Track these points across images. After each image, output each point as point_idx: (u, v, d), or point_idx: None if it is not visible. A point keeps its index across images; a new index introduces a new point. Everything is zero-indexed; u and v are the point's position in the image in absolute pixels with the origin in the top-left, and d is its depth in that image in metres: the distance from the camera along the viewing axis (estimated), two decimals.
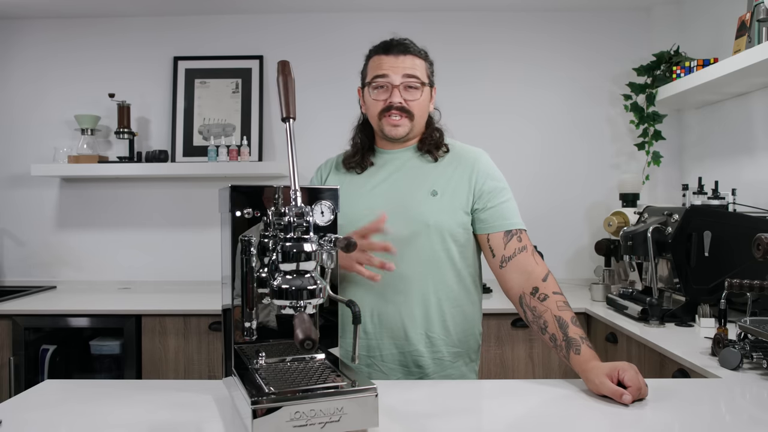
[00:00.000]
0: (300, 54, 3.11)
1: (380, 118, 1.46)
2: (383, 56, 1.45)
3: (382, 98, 1.45)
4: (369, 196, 1.47)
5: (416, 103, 1.45)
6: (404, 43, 1.47)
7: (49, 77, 3.17)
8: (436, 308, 1.44)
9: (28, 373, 2.47)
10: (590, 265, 3.00)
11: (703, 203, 2.22)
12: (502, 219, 1.44)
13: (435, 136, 1.51)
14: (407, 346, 1.43)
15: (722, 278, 1.82)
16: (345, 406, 0.96)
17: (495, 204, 1.44)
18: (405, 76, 1.43)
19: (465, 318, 1.48)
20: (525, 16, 3.11)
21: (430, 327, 1.44)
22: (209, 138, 3.06)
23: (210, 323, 2.46)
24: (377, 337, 1.44)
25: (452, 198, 1.44)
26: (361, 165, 1.52)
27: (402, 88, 1.44)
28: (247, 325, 1.15)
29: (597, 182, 3.07)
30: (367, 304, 1.43)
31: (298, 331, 0.92)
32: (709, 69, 2.31)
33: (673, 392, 1.21)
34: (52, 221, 3.16)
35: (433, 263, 1.43)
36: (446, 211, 1.43)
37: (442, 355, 1.45)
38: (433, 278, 1.43)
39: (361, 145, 1.54)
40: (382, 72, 1.44)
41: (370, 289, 1.42)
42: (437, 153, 1.49)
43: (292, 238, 1.01)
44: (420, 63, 1.47)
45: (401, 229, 1.41)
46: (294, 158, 1.07)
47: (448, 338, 1.45)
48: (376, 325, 1.44)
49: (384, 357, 1.45)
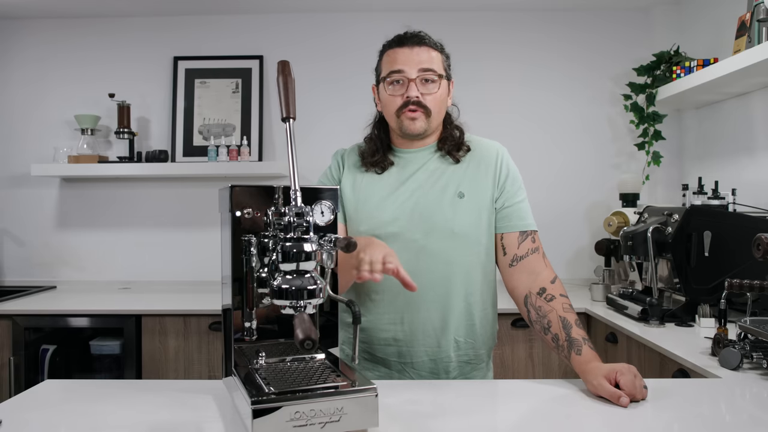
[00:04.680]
0: (300, 54, 3.11)
1: (398, 115, 1.41)
2: (398, 49, 1.41)
3: (399, 93, 1.40)
4: (392, 201, 1.42)
5: (433, 97, 1.40)
6: (419, 35, 1.42)
7: (49, 77, 3.17)
8: (465, 313, 1.42)
9: (28, 373, 2.47)
10: (590, 265, 3.00)
11: (703, 203, 2.21)
12: (518, 219, 1.42)
13: (455, 136, 1.47)
14: (439, 353, 1.41)
15: (722, 278, 1.82)
16: (345, 406, 0.96)
17: (513, 203, 1.43)
18: (421, 70, 1.39)
19: (489, 320, 1.47)
20: (525, 16, 3.11)
21: (458, 332, 1.42)
22: (209, 138, 3.06)
23: (210, 323, 2.46)
24: (408, 344, 1.41)
25: (479, 199, 1.41)
26: (381, 165, 1.46)
27: (418, 82, 1.39)
28: (247, 325, 1.15)
29: (597, 182, 3.07)
30: (398, 311, 1.41)
31: (298, 331, 0.92)
32: (709, 69, 2.31)
33: (673, 392, 1.21)
34: (52, 221, 3.16)
35: (462, 268, 1.40)
36: (474, 214, 1.41)
37: (468, 358, 1.44)
38: (462, 283, 1.41)
39: (380, 144, 1.49)
40: (397, 67, 1.39)
41: (400, 296, 1.39)
42: (458, 155, 1.45)
43: (292, 238, 1.00)
44: (436, 55, 1.42)
45: (428, 235, 1.38)
46: (294, 158, 1.07)
47: (475, 341, 1.44)
48: (407, 333, 1.41)
49: (415, 364, 1.42)
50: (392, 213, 1.41)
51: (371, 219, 1.41)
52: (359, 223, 1.42)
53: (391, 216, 1.41)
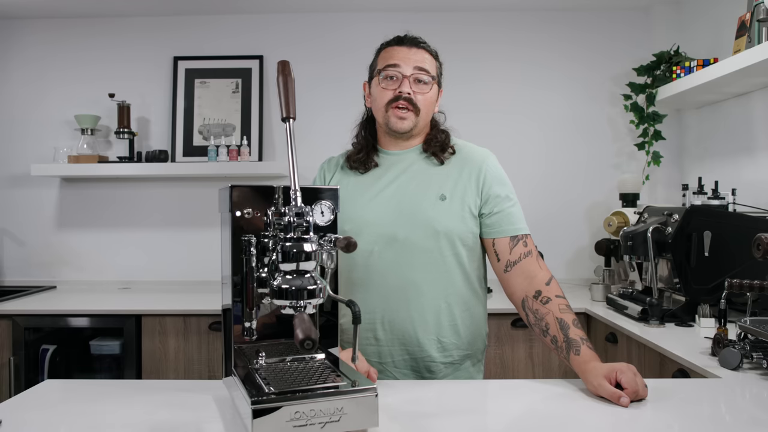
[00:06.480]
0: (300, 54, 3.11)
1: (387, 110, 1.44)
2: (396, 47, 1.45)
3: (391, 88, 1.43)
4: (376, 201, 1.45)
5: (424, 97, 1.44)
6: (417, 38, 1.47)
7: (49, 77, 3.17)
8: (446, 313, 1.43)
9: (28, 373, 2.47)
10: (590, 265, 3.00)
11: (703, 203, 2.22)
12: (508, 224, 1.42)
13: (440, 138, 1.49)
14: (419, 351, 1.42)
15: (722, 278, 1.82)
16: (345, 406, 0.96)
17: (502, 209, 1.43)
18: (416, 68, 1.42)
19: (474, 320, 1.48)
20: (524, 16, 3.11)
21: (441, 332, 1.43)
22: (209, 138, 3.06)
23: (210, 323, 2.46)
24: (389, 344, 1.43)
25: (461, 202, 1.42)
26: (365, 164, 1.49)
27: (412, 80, 1.42)
28: (247, 325, 1.15)
29: (597, 182, 3.07)
30: (378, 311, 1.42)
31: (298, 331, 0.92)
32: (709, 69, 2.31)
33: (673, 392, 1.21)
34: (52, 221, 3.16)
35: (442, 268, 1.42)
36: (455, 216, 1.42)
37: (453, 359, 1.45)
38: (443, 283, 1.42)
39: (365, 143, 1.52)
40: (393, 62, 1.43)
41: (380, 295, 1.41)
42: (443, 155, 1.47)
43: (292, 238, 1.00)
44: (431, 59, 1.46)
45: (410, 235, 1.40)
46: (294, 158, 1.07)
47: (459, 341, 1.45)
48: (387, 331, 1.43)
49: (396, 363, 1.44)
50: (375, 212, 1.43)
51: (354, 218, 1.42)
52: (343, 223, 1.43)
53: (374, 215, 1.42)
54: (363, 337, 1.45)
